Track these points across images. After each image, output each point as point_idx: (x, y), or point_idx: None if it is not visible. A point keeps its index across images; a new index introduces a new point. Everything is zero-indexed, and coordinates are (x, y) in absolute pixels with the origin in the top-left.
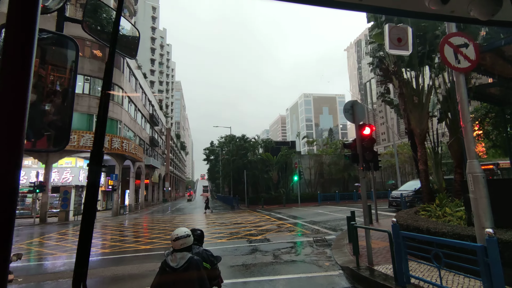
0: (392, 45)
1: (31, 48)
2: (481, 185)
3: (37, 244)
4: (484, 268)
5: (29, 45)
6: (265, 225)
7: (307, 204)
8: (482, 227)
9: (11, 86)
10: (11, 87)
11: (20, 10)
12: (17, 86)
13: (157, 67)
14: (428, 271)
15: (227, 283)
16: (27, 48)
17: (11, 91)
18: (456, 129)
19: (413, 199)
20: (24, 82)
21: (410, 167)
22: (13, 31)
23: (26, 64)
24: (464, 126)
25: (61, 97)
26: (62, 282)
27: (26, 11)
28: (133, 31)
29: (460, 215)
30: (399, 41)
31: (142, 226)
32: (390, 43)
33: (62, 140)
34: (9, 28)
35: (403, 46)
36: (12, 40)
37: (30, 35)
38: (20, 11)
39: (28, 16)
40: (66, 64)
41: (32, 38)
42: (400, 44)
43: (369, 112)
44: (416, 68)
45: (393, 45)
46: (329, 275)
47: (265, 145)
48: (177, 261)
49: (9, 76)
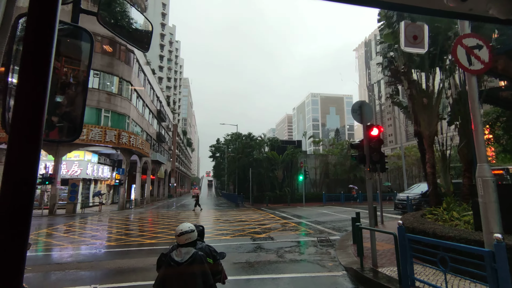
0: (408, 42)
1: (51, 38)
2: (491, 189)
3: (45, 235)
4: (491, 274)
5: (50, 35)
6: (269, 223)
7: (311, 204)
8: (491, 232)
9: (32, 77)
10: (32, 79)
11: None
12: (37, 77)
13: (165, 64)
14: (433, 274)
15: (230, 280)
16: (48, 39)
17: (32, 82)
18: (466, 132)
19: (419, 202)
20: (44, 74)
21: (418, 169)
22: (34, 21)
23: (47, 54)
24: (475, 129)
25: (74, 89)
26: (68, 273)
27: (47, 0)
28: (146, 25)
29: (467, 219)
30: (415, 38)
31: (147, 221)
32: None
33: (75, 131)
34: (30, 17)
35: (419, 43)
36: (33, 29)
37: (51, 24)
38: (41, 0)
39: (49, 6)
40: (80, 57)
41: (52, 28)
42: (415, 42)
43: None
44: (426, 69)
45: (409, 43)
46: (332, 275)
47: (271, 144)
48: (182, 256)
49: (29, 66)
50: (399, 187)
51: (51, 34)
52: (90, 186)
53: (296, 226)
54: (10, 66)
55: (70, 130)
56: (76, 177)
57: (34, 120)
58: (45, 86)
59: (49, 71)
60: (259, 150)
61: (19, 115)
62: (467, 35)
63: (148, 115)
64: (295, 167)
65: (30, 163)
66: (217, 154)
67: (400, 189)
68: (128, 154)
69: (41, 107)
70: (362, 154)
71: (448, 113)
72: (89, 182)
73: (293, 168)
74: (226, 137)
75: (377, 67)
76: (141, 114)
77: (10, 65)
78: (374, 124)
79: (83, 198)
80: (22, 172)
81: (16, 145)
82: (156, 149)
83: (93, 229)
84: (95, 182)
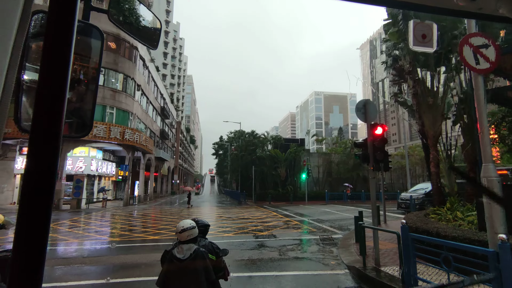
0: (417, 41)
1: (71, 34)
2: (496, 189)
3: (50, 230)
4: (495, 274)
5: (70, 32)
6: (271, 221)
7: (314, 202)
8: (495, 232)
9: (54, 73)
10: (54, 75)
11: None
12: (59, 73)
13: (169, 61)
14: (436, 274)
15: (232, 277)
16: (68, 35)
17: (54, 78)
18: (471, 132)
19: (423, 201)
20: (64, 69)
21: (421, 169)
22: (55, 17)
23: (67, 51)
24: (481, 129)
25: (84, 86)
26: (73, 267)
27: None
28: (154, 22)
29: (471, 219)
30: (424, 37)
31: (151, 217)
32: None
33: (85, 128)
34: (51, 14)
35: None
36: (54, 26)
37: (70, 21)
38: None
39: (69, 3)
40: (91, 54)
41: (72, 25)
42: (424, 41)
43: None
44: (432, 68)
45: (417, 42)
46: (335, 273)
47: (274, 142)
48: (183, 253)
49: (52, 63)
50: (402, 186)
51: (71, 31)
52: (95, 182)
53: (299, 224)
54: (24, 62)
55: (80, 126)
56: (81, 173)
57: (55, 116)
58: (65, 82)
59: (69, 67)
60: (262, 148)
61: (41, 111)
62: (474, 34)
63: (152, 112)
64: (298, 165)
65: (51, 159)
66: (220, 151)
67: (403, 188)
68: (132, 151)
69: (62, 103)
70: (365, 153)
71: (453, 112)
72: (94, 178)
73: (296, 167)
74: (229, 135)
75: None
76: (145, 111)
77: (24, 62)
78: (378, 123)
79: (88, 194)
80: (44, 167)
81: (38, 141)
82: (159, 146)
83: (98, 224)
84: (99, 178)
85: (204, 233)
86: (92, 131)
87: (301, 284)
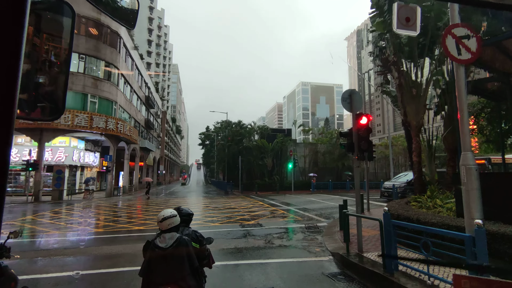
0: (400, 24)
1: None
2: (473, 177)
3: (30, 221)
4: (471, 258)
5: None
6: (258, 210)
7: (300, 192)
8: (472, 218)
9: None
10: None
11: None
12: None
13: (154, 49)
14: None
15: (219, 265)
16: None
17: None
18: (451, 122)
19: (405, 190)
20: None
21: (404, 159)
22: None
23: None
24: (461, 119)
25: (56, 67)
26: (55, 259)
27: None
28: (132, 2)
29: (449, 206)
30: (407, 20)
31: (136, 208)
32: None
33: (57, 111)
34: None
35: (411, 26)
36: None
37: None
38: None
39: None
40: (62, 33)
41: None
42: (408, 24)
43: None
44: (416, 59)
45: (401, 25)
46: (319, 260)
47: (261, 132)
48: (166, 242)
49: None
50: (385, 175)
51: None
52: (77, 173)
53: (285, 213)
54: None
55: (53, 110)
56: (62, 164)
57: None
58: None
59: (22, 42)
60: (249, 138)
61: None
62: (457, 25)
63: (136, 102)
64: (285, 155)
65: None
66: (206, 142)
67: (386, 177)
68: (115, 141)
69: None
70: (351, 142)
71: (435, 103)
72: (76, 169)
73: (282, 156)
74: (216, 125)
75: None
76: (128, 100)
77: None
78: (363, 113)
79: (70, 185)
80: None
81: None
82: (144, 136)
83: (80, 215)
84: (82, 169)
85: (187, 222)
86: (73, 120)
87: (286, 271)
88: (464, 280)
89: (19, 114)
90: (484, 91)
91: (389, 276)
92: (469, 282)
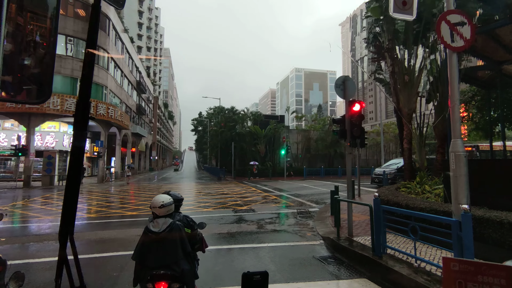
0: (397, 8)
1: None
2: (462, 163)
3: (21, 207)
4: (457, 241)
5: None
6: (250, 196)
7: (293, 178)
8: (459, 203)
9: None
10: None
11: None
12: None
13: (144, 32)
14: (404, 243)
15: (212, 249)
16: None
17: None
18: (442, 110)
19: (395, 176)
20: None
21: (395, 146)
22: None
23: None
24: (452, 106)
25: (42, 48)
26: (48, 244)
27: None
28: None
29: (438, 192)
30: (404, 4)
31: (128, 193)
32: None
33: (44, 94)
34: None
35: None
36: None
37: None
38: None
39: None
40: (47, 12)
41: None
42: (405, 8)
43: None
44: (410, 46)
45: (398, 9)
46: (310, 244)
47: (254, 118)
48: (159, 227)
49: None
50: (376, 162)
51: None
52: (67, 158)
53: (277, 198)
54: None
55: (39, 92)
56: (52, 149)
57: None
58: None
59: (1, 20)
60: (242, 124)
61: None
62: (451, 11)
63: (127, 86)
64: (278, 141)
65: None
66: (199, 127)
67: (377, 164)
68: (106, 126)
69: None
70: (343, 129)
71: (427, 91)
72: (66, 154)
73: (275, 143)
74: (209, 111)
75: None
76: (119, 84)
77: None
78: (356, 99)
79: (60, 170)
80: None
81: None
82: (136, 122)
83: None
84: None
85: (177, 207)
86: (62, 104)
87: (278, 255)
88: (453, 263)
89: (3, 96)
90: (475, 79)
91: (377, 259)
92: (458, 264)
